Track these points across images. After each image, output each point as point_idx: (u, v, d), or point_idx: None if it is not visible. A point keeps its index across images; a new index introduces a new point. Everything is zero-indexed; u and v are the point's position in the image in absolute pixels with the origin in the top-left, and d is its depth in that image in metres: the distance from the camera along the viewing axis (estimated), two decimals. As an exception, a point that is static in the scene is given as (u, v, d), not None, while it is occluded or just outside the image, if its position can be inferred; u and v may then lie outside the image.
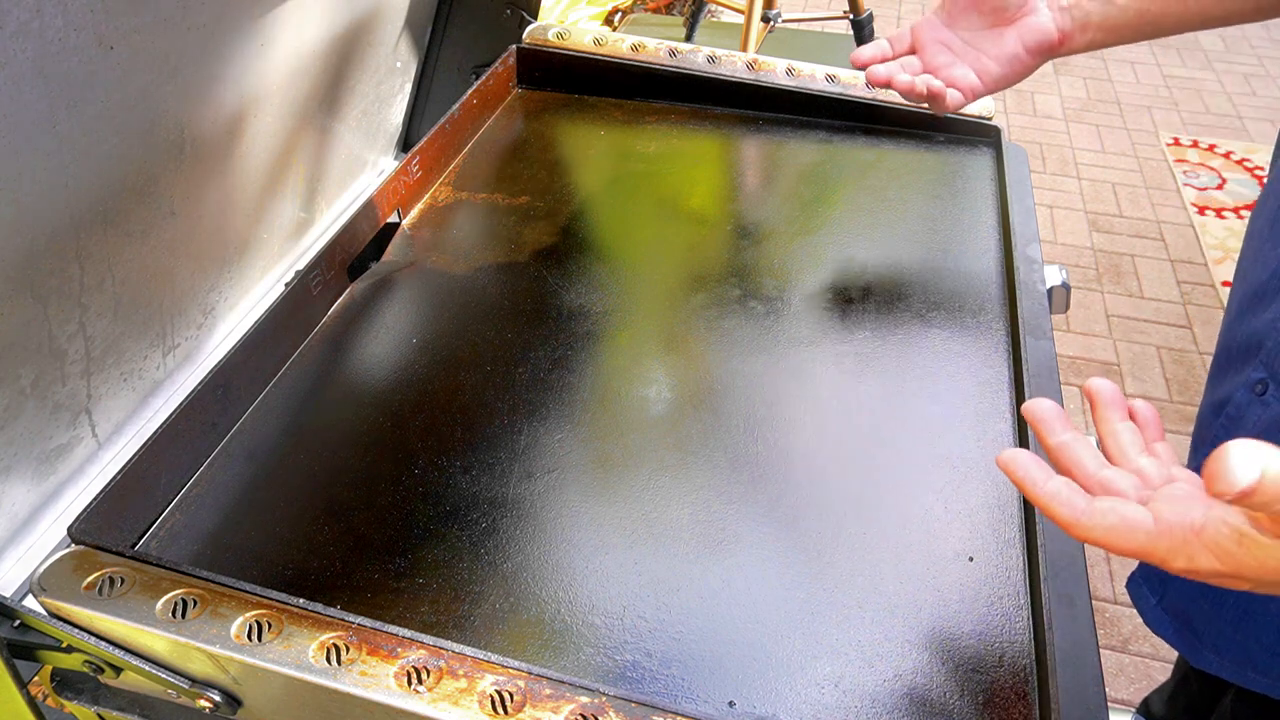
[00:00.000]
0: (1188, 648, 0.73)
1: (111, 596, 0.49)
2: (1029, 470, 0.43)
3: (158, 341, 0.72)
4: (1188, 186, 2.72)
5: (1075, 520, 0.41)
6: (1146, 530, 0.39)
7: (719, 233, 0.85)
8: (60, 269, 0.58)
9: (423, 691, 0.45)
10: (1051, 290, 0.79)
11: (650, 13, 2.71)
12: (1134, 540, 0.39)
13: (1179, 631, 0.73)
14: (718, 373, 0.69)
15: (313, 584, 0.55)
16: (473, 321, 0.74)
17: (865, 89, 0.95)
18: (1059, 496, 0.42)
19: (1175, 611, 0.73)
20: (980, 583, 0.55)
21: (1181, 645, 0.73)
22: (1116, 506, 0.40)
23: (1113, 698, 1.43)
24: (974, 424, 0.65)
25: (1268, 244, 0.66)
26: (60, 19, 0.49)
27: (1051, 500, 0.42)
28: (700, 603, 0.54)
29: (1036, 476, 0.43)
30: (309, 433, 0.65)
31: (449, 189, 0.89)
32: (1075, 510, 0.41)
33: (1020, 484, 0.43)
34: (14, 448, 0.60)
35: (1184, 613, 0.72)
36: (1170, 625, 0.74)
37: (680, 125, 0.98)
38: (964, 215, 0.85)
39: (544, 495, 0.60)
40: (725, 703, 0.49)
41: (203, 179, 0.70)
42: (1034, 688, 0.50)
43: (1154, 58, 3.51)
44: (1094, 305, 2.27)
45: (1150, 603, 0.76)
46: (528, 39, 1.01)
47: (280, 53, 0.73)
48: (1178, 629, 0.73)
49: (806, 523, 0.59)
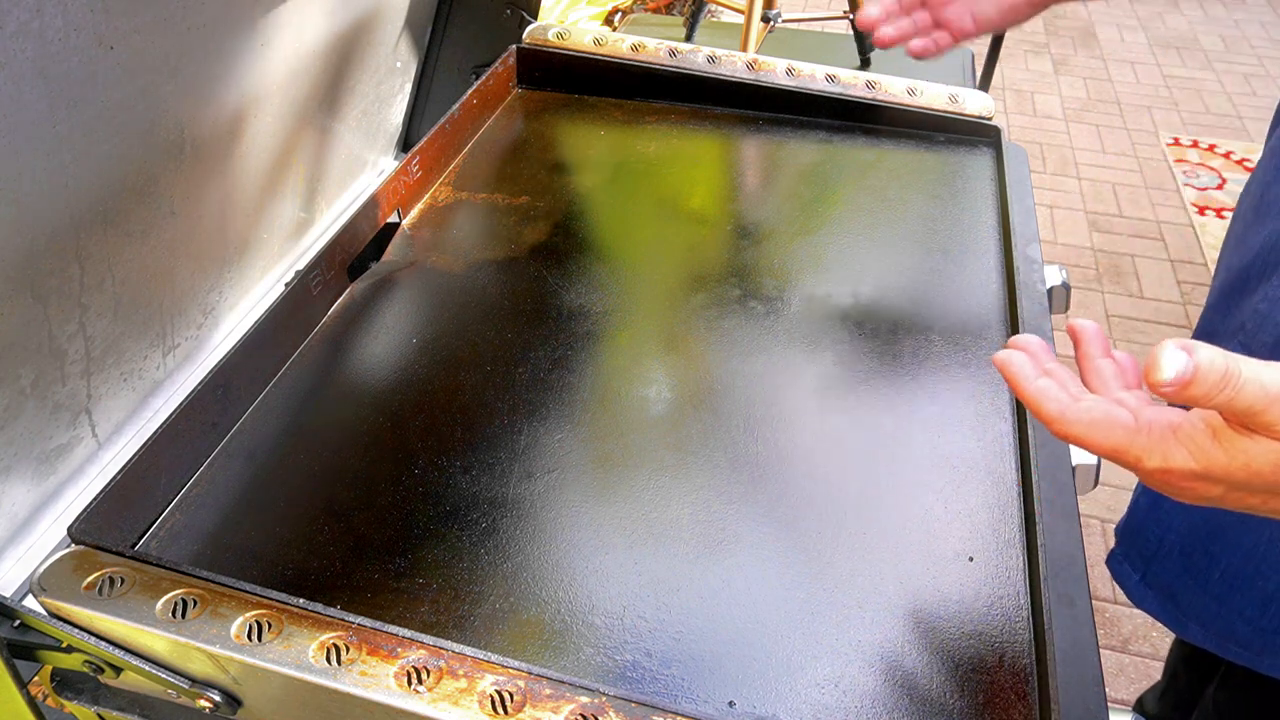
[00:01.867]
0: (1172, 620, 0.73)
1: (111, 596, 0.49)
2: (1021, 367, 0.44)
3: (158, 341, 0.72)
4: (1188, 186, 2.72)
5: (1061, 413, 0.41)
6: (1125, 426, 0.39)
7: (719, 233, 0.85)
8: (60, 269, 0.58)
9: (423, 691, 0.45)
10: (1051, 290, 0.79)
11: (650, 13, 2.71)
12: (1113, 436, 0.40)
13: (1163, 605, 0.73)
14: (718, 373, 0.69)
15: (313, 584, 0.55)
16: (473, 321, 0.74)
17: (865, 89, 0.95)
18: (1047, 392, 0.42)
19: (1159, 586, 0.74)
20: (980, 583, 0.55)
21: (1166, 618, 0.74)
22: (1100, 403, 0.41)
23: (1113, 698, 1.43)
24: (974, 424, 0.65)
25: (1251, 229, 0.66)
26: (60, 19, 0.49)
27: (1039, 395, 0.42)
28: (700, 603, 0.54)
29: (1027, 373, 0.44)
30: (309, 433, 0.65)
31: (449, 189, 0.89)
32: (1061, 404, 0.42)
33: (1012, 379, 0.44)
34: (14, 448, 0.60)
35: (1168, 586, 0.73)
36: (1154, 599, 0.74)
37: (680, 125, 0.98)
38: (964, 215, 0.85)
39: (544, 495, 0.60)
40: (725, 703, 0.49)
41: (203, 179, 0.70)
42: (1034, 688, 0.50)
43: (1154, 58, 3.51)
44: (1094, 305, 2.27)
45: (1133, 579, 0.76)
46: (528, 39, 1.01)
47: (280, 53, 0.73)
48: (1161, 602, 0.73)
49: (806, 523, 0.59)
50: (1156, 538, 0.73)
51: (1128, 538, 0.77)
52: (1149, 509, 0.74)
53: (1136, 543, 0.76)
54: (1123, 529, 0.78)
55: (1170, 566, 0.72)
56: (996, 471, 0.62)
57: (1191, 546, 0.70)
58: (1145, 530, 0.75)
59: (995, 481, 0.61)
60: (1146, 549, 0.75)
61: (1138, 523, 0.76)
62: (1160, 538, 0.73)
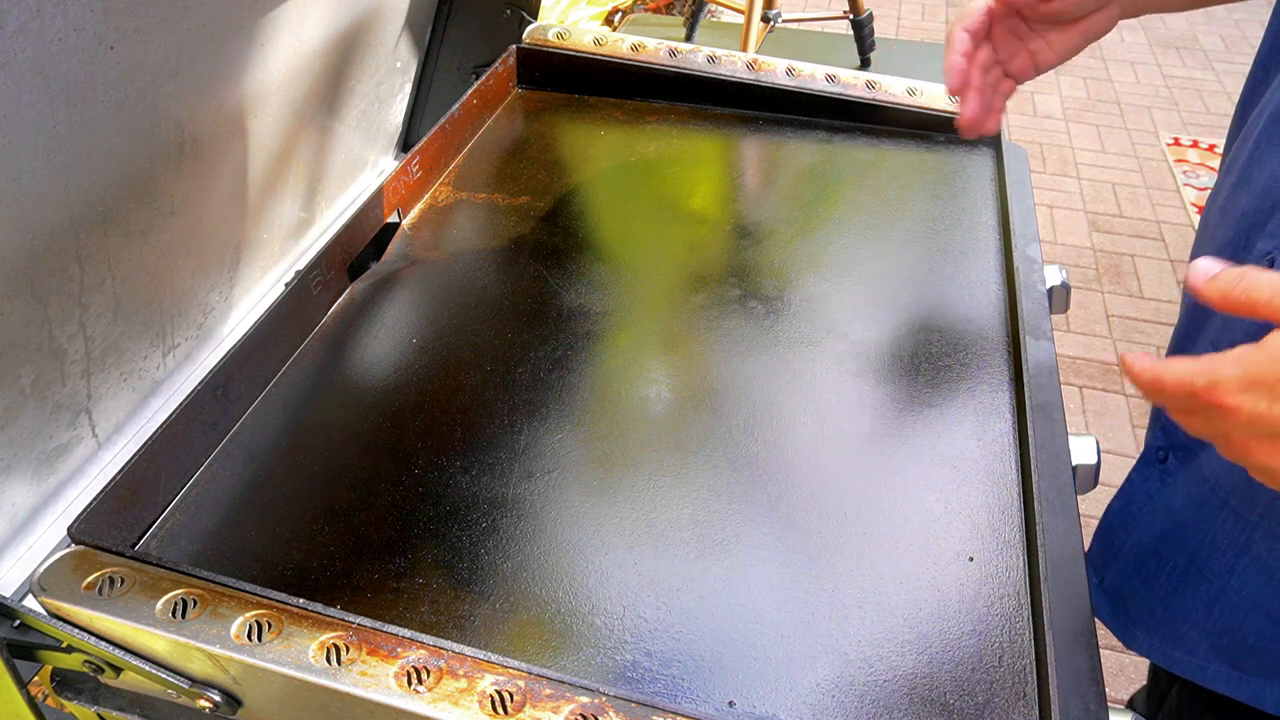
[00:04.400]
0: (1119, 627, 0.73)
1: (111, 596, 0.49)
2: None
3: (158, 341, 0.72)
4: (1188, 186, 2.72)
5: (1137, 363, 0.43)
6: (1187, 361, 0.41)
7: (719, 233, 0.85)
8: (60, 269, 0.58)
9: (423, 691, 0.45)
10: (1051, 290, 0.79)
11: (650, 13, 2.72)
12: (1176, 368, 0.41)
13: (1113, 612, 0.73)
14: (718, 373, 0.69)
15: (313, 584, 0.55)
16: (473, 321, 0.74)
17: (865, 89, 0.95)
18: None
19: (1112, 591, 0.73)
20: (980, 583, 0.55)
21: (1114, 625, 0.73)
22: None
23: (1113, 698, 1.43)
24: (974, 424, 0.65)
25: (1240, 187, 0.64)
26: (60, 19, 0.49)
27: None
28: (700, 603, 0.54)
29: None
30: (309, 433, 0.65)
31: (449, 189, 0.89)
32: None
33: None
34: (14, 448, 0.60)
35: (1119, 591, 0.73)
36: (1106, 605, 0.74)
37: (680, 125, 0.98)
38: (964, 215, 0.85)
39: (544, 495, 0.60)
40: (725, 703, 0.49)
41: (203, 179, 0.70)
42: (1034, 688, 0.50)
43: (1154, 58, 3.51)
44: (1094, 305, 2.27)
45: (1093, 582, 0.76)
46: (528, 39, 1.01)
47: (280, 53, 0.73)
48: (1112, 609, 0.73)
49: (806, 523, 0.59)
50: (1119, 541, 0.73)
51: (1097, 543, 0.77)
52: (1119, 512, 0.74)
53: (1103, 548, 0.76)
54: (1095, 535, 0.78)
55: (1123, 569, 0.72)
56: (996, 471, 0.62)
57: (1144, 548, 0.70)
58: (1111, 534, 0.75)
59: (995, 481, 0.61)
60: (1108, 553, 0.75)
61: (1107, 527, 0.76)
62: (1122, 541, 0.73)
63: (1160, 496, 0.69)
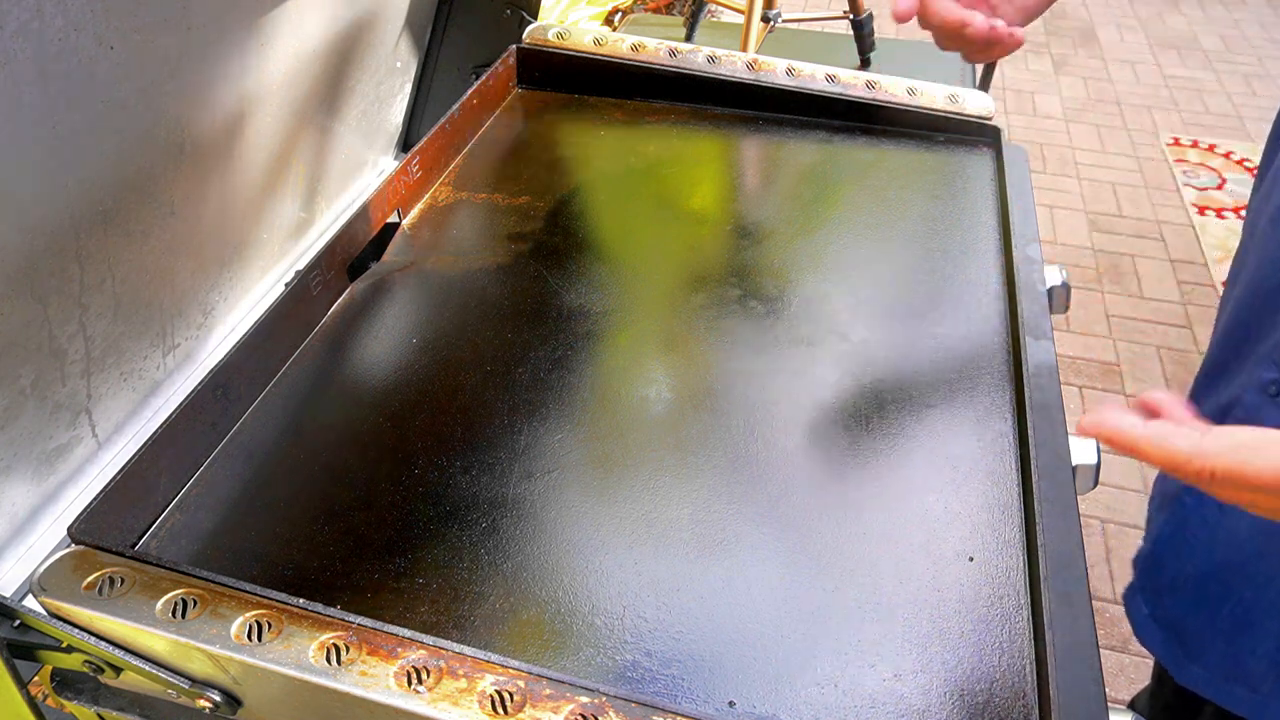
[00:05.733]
0: (1173, 661, 0.70)
1: (111, 596, 0.49)
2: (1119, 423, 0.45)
3: (158, 341, 0.72)
4: (1188, 186, 2.72)
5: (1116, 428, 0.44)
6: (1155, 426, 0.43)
7: (719, 233, 0.85)
8: (60, 269, 0.58)
9: (423, 691, 0.45)
10: (1051, 290, 0.79)
11: (650, 13, 2.72)
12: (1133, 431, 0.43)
13: (1166, 643, 0.71)
14: (718, 373, 0.69)
15: (313, 584, 0.55)
16: (473, 321, 0.74)
17: (865, 89, 0.95)
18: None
19: (1166, 622, 0.71)
20: (980, 583, 0.55)
21: (1167, 658, 0.71)
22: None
23: (1113, 698, 1.43)
24: (974, 424, 0.65)
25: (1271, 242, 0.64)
26: (60, 19, 0.49)
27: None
28: (700, 603, 0.54)
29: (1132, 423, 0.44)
30: (309, 433, 0.65)
31: (449, 189, 0.89)
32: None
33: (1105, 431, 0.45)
34: (14, 448, 0.60)
35: (1176, 623, 0.70)
36: (1159, 636, 0.72)
37: (680, 125, 0.98)
38: (964, 215, 0.85)
39: (544, 495, 0.60)
40: (725, 703, 0.49)
41: (203, 179, 0.70)
42: (1034, 688, 0.50)
43: (1154, 58, 3.51)
44: (1094, 305, 2.27)
45: (1143, 613, 0.74)
46: (528, 39, 1.01)
47: (280, 53, 0.73)
48: (1165, 640, 0.71)
49: (806, 522, 0.59)
50: (1175, 569, 0.70)
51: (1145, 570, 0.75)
52: (1170, 539, 0.71)
53: (1153, 575, 0.73)
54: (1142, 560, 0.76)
55: (1182, 600, 0.69)
56: (996, 471, 0.62)
57: (1208, 578, 0.67)
58: (1164, 562, 0.72)
59: (995, 481, 0.61)
60: (1161, 581, 0.72)
61: (1158, 554, 0.72)
62: (1179, 570, 0.70)
63: (1220, 524, 0.67)
